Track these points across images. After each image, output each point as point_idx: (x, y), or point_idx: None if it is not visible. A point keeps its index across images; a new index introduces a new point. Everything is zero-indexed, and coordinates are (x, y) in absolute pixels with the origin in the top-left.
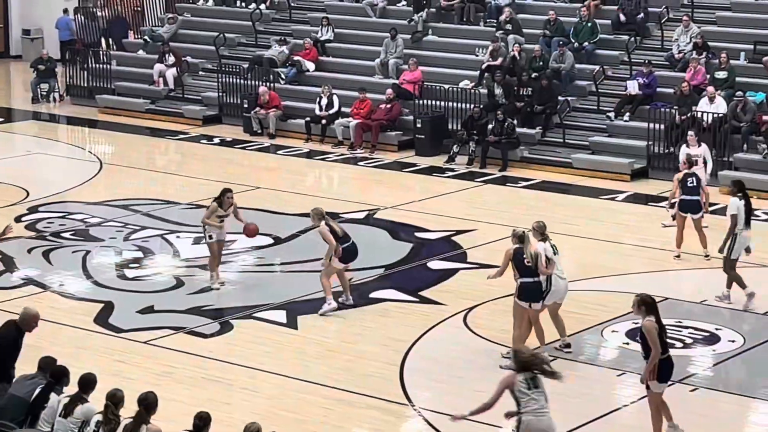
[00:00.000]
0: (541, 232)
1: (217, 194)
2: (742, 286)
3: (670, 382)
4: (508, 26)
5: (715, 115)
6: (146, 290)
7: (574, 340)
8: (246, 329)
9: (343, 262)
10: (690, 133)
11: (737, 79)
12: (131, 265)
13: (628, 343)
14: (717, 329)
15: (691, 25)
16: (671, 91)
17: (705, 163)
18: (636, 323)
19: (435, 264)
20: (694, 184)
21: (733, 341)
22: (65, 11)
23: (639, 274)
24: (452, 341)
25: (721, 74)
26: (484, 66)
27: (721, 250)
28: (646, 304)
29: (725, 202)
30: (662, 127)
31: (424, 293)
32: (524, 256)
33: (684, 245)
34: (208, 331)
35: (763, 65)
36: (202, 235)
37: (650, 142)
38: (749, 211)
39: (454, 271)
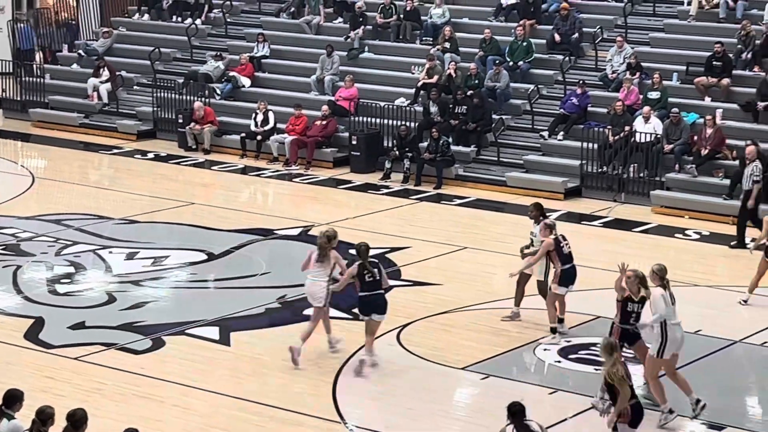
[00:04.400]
0: (661, 276)
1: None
2: None
3: None
4: (447, 44)
5: (651, 135)
6: (78, 306)
7: (506, 358)
8: (178, 346)
9: (563, 286)
10: None
11: (670, 99)
12: (63, 281)
13: (560, 362)
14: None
15: (624, 46)
16: (605, 110)
17: None
18: (568, 341)
19: None
20: None
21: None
22: None
23: (572, 293)
24: (385, 358)
25: (654, 94)
26: (419, 84)
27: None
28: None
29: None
30: (595, 146)
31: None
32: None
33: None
34: (140, 347)
35: (695, 86)
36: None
37: (583, 162)
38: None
39: (389, 288)
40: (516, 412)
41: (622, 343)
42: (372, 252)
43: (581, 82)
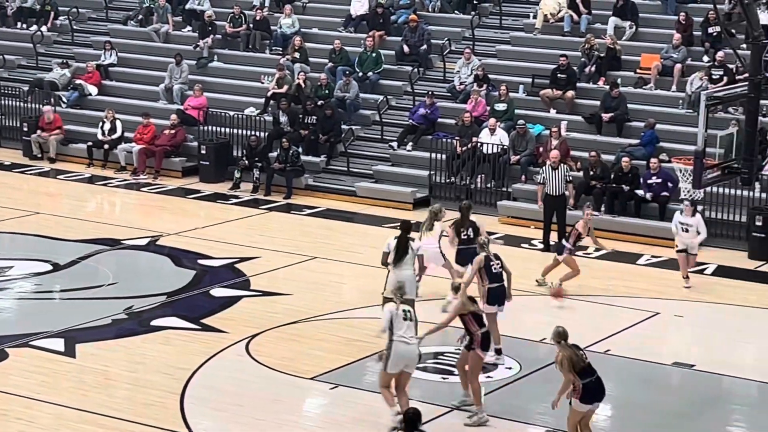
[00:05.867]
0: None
1: None
2: None
3: None
4: (297, 54)
5: (497, 146)
6: None
7: (356, 367)
8: (22, 358)
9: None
10: (686, 202)
11: (516, 111)
12: None
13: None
14: (500, 357)
15: (472, 58)
16: (453, 121)
17: (698, 233)
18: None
19: (218, 291)
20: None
21: (510, 368)
22: None
23: (421, 301)
24: (234, 369)
25: (501, 106)
26: (269, 93)
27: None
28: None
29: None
30: (444, 157)
31: (207, 321)
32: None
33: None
34: None
35: (540, 98)
36: None
37: (432, 172)
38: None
39: (238, 298)
40: (409, 420)
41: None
42: (220, 262)
43: (430, 93)
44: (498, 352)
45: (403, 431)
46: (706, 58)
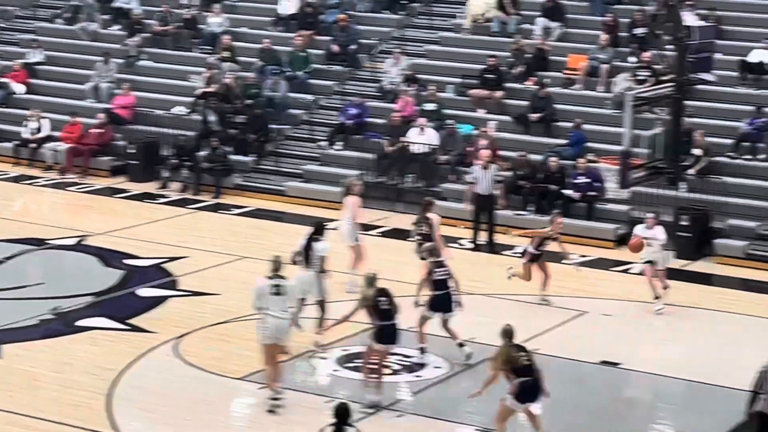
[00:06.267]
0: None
1: None
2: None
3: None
4: (226, 53)
5: (426, 146)
6: None
7: (284, 367)
8: None
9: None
10: (649, 214)
11: (445, 111)
12: None
13: (337, 370)
14: (423, 356)
15: (401, 58)
16: (383, 121)
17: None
18: (345, 350)
19: (145, 291)
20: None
21: (439, 367)
22: None
23: (344, 302)
24: (162, 369)
25: (430, 106)
26: (198, 93)
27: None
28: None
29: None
30: (373, 156)
31: (134, 321)
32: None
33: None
34: None
35: (469, 98)
36: None
37: (362, 172)
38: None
39: (165, 298)
40: (339, 415)
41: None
42: (148, 262)
43: (359, 93)
44: (422, 351)
45: (333, 427)
46: (632, 59)
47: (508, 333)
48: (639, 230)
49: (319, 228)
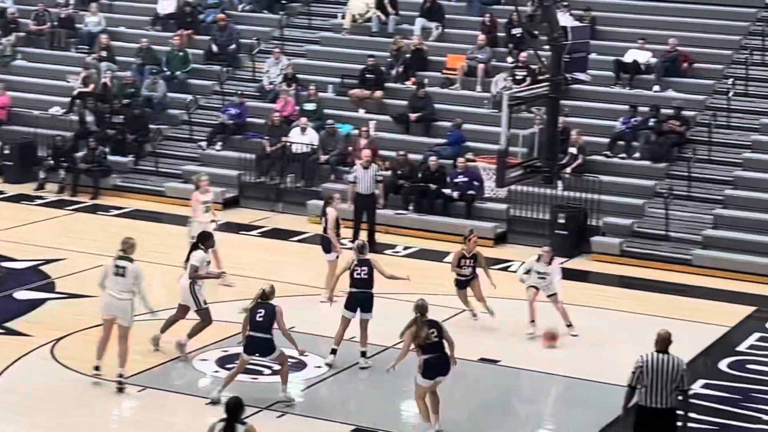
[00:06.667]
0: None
1: None
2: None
3: None
4: (103, 53)
5: (307, 146)
6: None
7: (164, 369)
8: None
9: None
10: (544, 247)
11: (325, 111)
12: None
13: (218, 371)
14: (304, 355)
15: (281, 58)
16: (263, 121)
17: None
18: (225, 351)
19: (21, 294)
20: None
21: (319, 367)
22: None
23: (230, 302)
24: (39, 373)
25: (310, 106)
26: (75, 92)
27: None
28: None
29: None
30: (253, 156)
31: (10, 324)
32: None
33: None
34: None
35: (349, 98)
36: None
37: (242, 172)
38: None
39: (42, 301)
40: (230, 409)
41: None
42: (25, 264)
43: (239, 92)
44: (333, 352)
45: (224, 422)
46: (510, 59)
47: (420, 308)
48: (531, 264)
49: (201, 237)
